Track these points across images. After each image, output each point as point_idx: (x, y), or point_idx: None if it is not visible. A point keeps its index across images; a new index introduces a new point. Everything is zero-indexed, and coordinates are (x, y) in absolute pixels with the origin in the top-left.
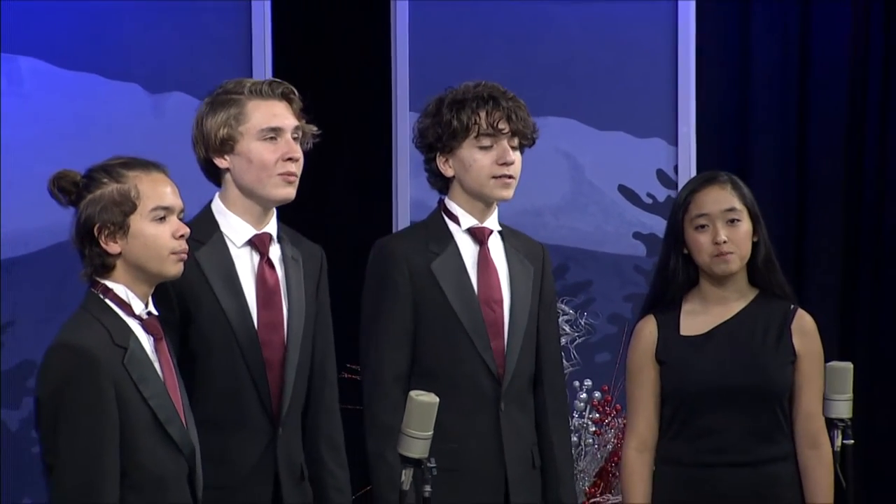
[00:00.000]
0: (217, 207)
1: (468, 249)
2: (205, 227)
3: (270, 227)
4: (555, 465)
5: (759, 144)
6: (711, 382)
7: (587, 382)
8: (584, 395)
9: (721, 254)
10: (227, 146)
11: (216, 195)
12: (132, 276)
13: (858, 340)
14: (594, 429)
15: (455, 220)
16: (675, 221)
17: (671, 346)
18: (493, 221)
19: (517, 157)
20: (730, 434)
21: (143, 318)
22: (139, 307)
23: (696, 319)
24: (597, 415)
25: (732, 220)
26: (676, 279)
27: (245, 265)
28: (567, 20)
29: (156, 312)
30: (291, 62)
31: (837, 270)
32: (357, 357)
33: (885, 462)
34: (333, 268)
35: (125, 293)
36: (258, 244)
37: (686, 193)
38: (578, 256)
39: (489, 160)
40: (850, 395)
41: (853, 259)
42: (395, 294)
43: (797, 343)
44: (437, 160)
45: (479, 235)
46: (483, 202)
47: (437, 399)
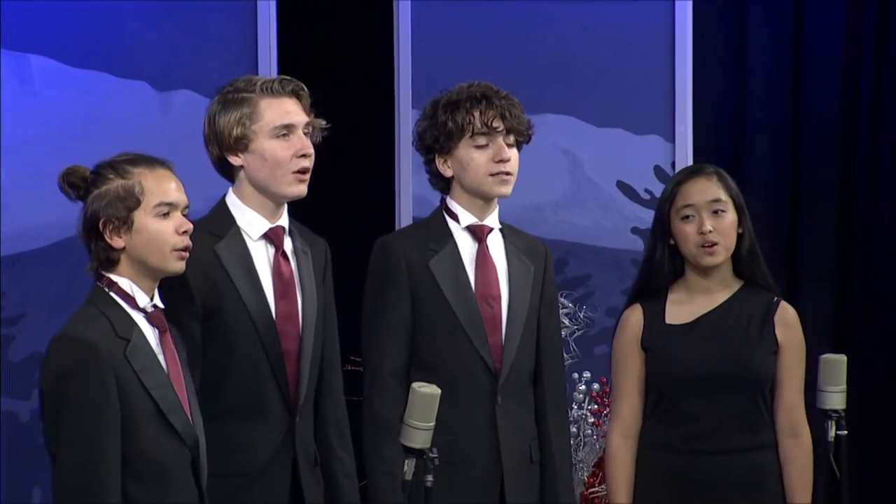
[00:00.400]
0: (232, 202)
1: (467, 247)
2: (222, 222)
3: (283, 221)
4: (553, 461)
5: (755, 141)
6: (695, 370)
7: (586, 374)
8: (583, 387)
9: (706, 244)
10: (241, 144)
11: (230, 190)
12: (136, 271)
13: (852, 333)
14: (592, 420)
15: (455, 219)
16: (662, 212)
17: (656, 335)
18: (493, 219)
19: (513, 154)
20: (712, 422)
21: (148, 312)
22: (144, 300)
23: (682, 309)
24: (595, 406)
25: (717, 211)
26: (662, 269)
27: (262, 258)
28: (567, 20)
29: (161, 306)
30: (296, 61)
31: (831, 264)
32: (359, 350)
33: (878, 452)
34: (338, 264)
35: (129, 287)
36: (273, 237)
37: (672, 185)
38: (577, 251)
39: (486, 158)
40: (844, 387)
41: (846, 253)
42: (395, 291)
43: (780, 334)
44: (436, 161)
45: (479, 233)
46: (482, 200)
47: (439, 391)
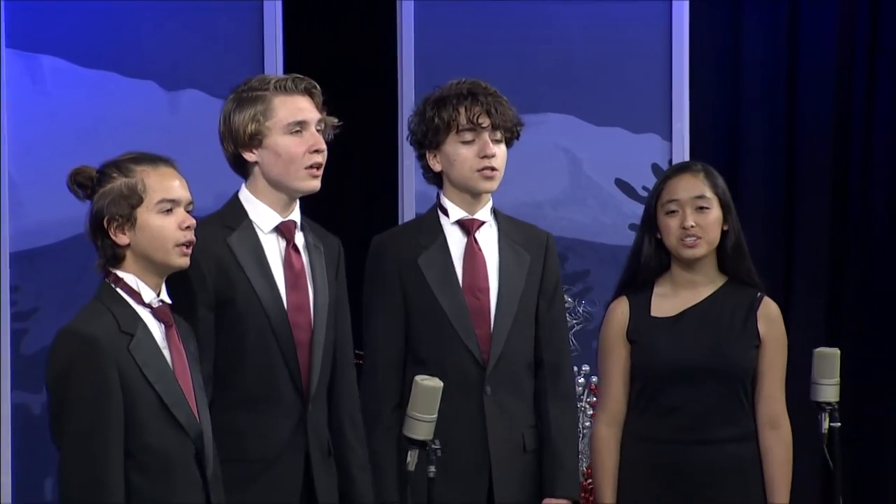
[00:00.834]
0: (245, 196)
1: (456, 240)
2: (234, 215)
3: (295, 216)
4: (553, 449)
5: (750, 139)
6: (679, 362)
7: (585, 367)
8: (582, 380)
9: (687, 238)
10: (256, 141)
11: (243, 185)
12: (141, 267)
13: (845, 326)
14: (591, 412)
15: (446, 214)
16: (650, 207)
17: (642, 327)
18: (485, 213)
19: (500, 150)
20: (694, 413)
21: (154, 307)
22: (150, 296)
23: (667, 302)
24: (594, 398)
25: (701, 208)
26: (649, 263)
27: (273, 250)
28: (567, 21)
29: (168, 301)
30: (302, 61)
31: (825, 259)
32: (359, 343)
33: (871, 444)
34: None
35: (135, 282)
36: (284, 231)
37: (660, 181)
38: (577, 247)
39: (472, 153)
40: (838, 380)
41: (840, 248)
42: (386, 289)
43: (762, 328)
44: (427, 157)
45: (468, 226)
46: (470, 195)
47: (442, 384)
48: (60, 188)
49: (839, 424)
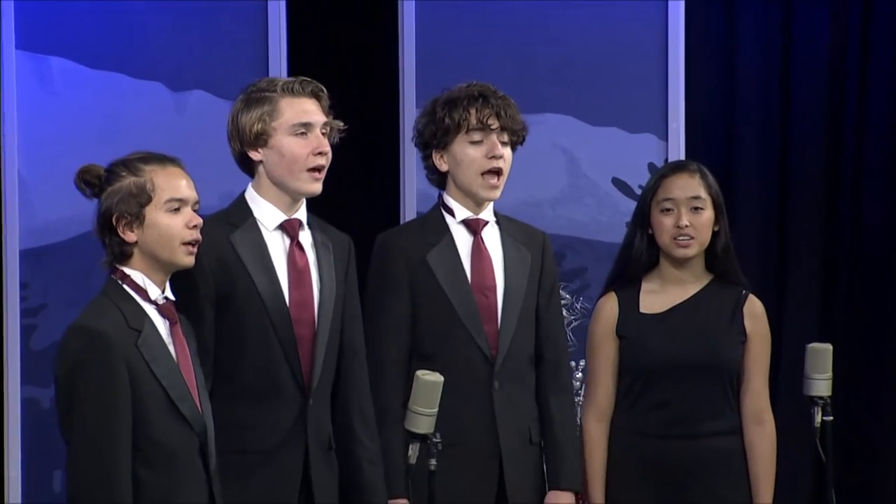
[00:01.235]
0: (250, 195)
1: (463, 240)
2: (239, 213)
3: (300, 214)
4: (556, 443)
5: (744, 139)
6: (667, 358)
7: (582, 363)
8: (580, 375)
9: (681, 237)
10: (261, 140)
11: (249, 184)
12: (148, 264)
13: (837, 323)
14: None
15: (451, 213)
16: (644, 203)
17: (631, 323)
18: (488, 213)
19: (507, 153)
20: (682, 407)
21: (160, 304)
22: (155, 293)
23: (655, 298)
24: None
25: (696, 208)
26: (640, 258)
27: (277, 248)
28: (565, 22)
29: (172, 298)
30: (305, 62)
31: (818, 256)
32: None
33: (862, 437)
34: None
35: (142, 280)
36: (288, 228)
37: (656, 178)
38: (575, 245)
39: (480, 154)
40: (830, 375)
41: (833, 246)
42: (394, 285)
43: (748, 325)
44: (433, 156)
45: (474, 226)
46: (472, 199)
47: (442, 378)
48: (69, 187)
49: (831, 418)
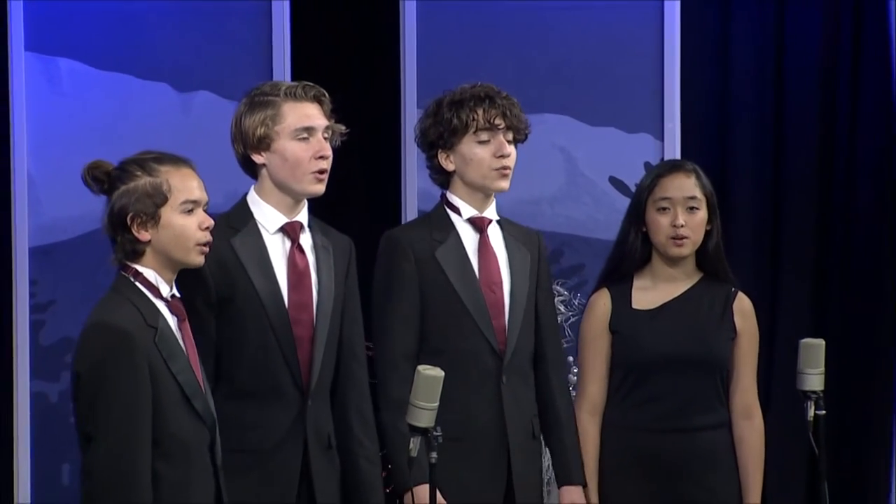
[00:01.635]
0: (252, 198)
1: (469, 237)
2: (240, 216)
3: (301, 217)
4: (563, 438)
5: (739, 138)
6: (659, 353)
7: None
8: (577, 369)
9: (677, 237)
10: (264, 144)
11: (252, 187)
12: (159, 262)
13: (830, 318)
14: None
15: (456, 212)
16: (639, 201)
17: (624, 318)
18: (492, 211)
19: (512, 150)
20: (673, 402)
21: (169, 301)
22: (166, 290)
23: (647, 295)
24: None
25: (692, 208)
26: (633, 254)
27: (277, 250)
28: (563, 25)
29: (178, 295)
30: (309, 63)
31: (811, 254)
32: (369, 335)
33: (854, 431)
34: None
35: (154, 277)
36: (289, 231)
37: (653, 177)
38: (572, 242)
39: (488, 153)
40: (822, 370)
41: (825, 244)
42: (403, 280)
43: (737, 322)
44: (439, 157)
45: (480, 224)
46: (483, 193)
47: (443, 373)
48: (77, 186)
49: (824, 412)
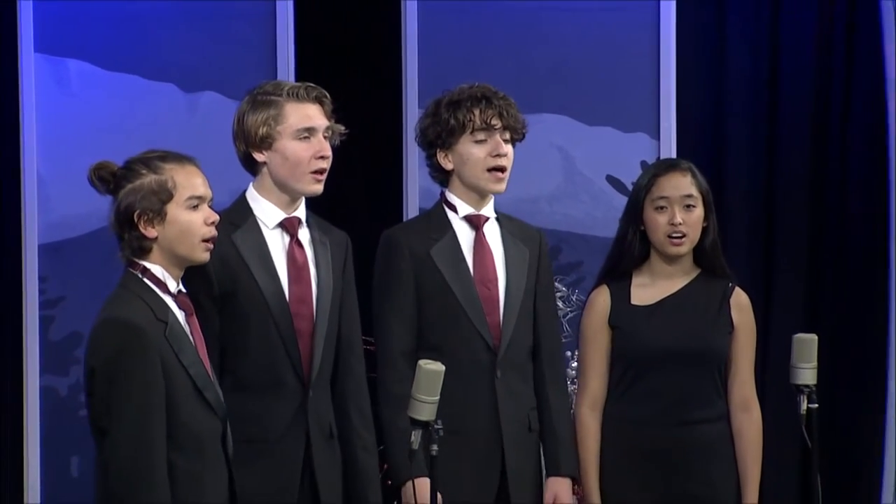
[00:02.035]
0: (251, 195)
1: (465, 235)
2: (240, 212)
3: (299, 213)
4: (554, 430)
5: (733, 137)
6: (658, 347)
7: (577, 352)
8: (575, 364)
9: (674, 235)
10: (266, 143)
11: (251, 184)
12: (166, 259)
13: (822, 314)
14: None
15: (454, 210)
16: (637, 200)
17: (622, 314)
18: (489, 209)
19: (509, 150)
20: (673, 395)
21: (176, 296)
22: (173, 286)
23: (645, 291)
24: None
25: (689, 206)
26: (632, 252)
27: (277, 245)
28: (561, 25)
29: (184, 290)
30: (312, 63)
31: (804, 250)
32: (369, 331)
33: (846, 424)
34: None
35: (162, 273)
36: (288, 226)
37: (650, 176)
38: (571, 239)
39: (484, 153)
40: (815, 364)
41: (818, 240)
42: (399, 278)
43: (735, 317)
44: (438, 155)
45: (476, 222)
46: (478, 193)
47: (444, 367)
48: (85, 184)
49: (817, 406)
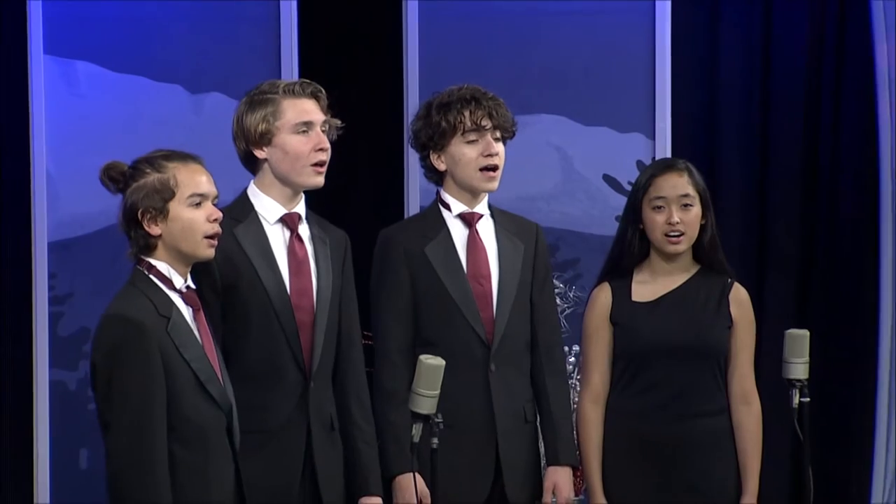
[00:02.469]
0: (252, 191)
1: (459, 232)
2: (242, 208)
3: (299, 208)
4: (552, 422)
5: (727, 136)
6: (660, 342)
7: (575, 348)
8: (573, 359)
9: (672, 234)
10: (265, 139)
11: (252, 181)
12: (172, 256)
13: (814, 309)
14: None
15: (448, 208)
16: (635, 200)
17: (624, 310)
18: (483, 207)
19: (500, 149)
20: (674, 389)
21: (183, 292)
22: (179, 282)
23: (646, 288)
24: None
25: (686, 205)
26: (632, 250)
27: (278, 240)
28: (559, 27)
29: (193, 286)
30: (315, 64)
31: (796, 247)
32: (368, 326)
33: (837, 418)
34: (352, 250)
35: (167, 270)
36: (289, 221)
37: (647, 176)
38: (568, 237)
39: (476, 153)
40: (807, 359)
41: (809, 237)
42: (395, 278)
43: (734, 311)
44: (431, 157)
45: (469, 219)
46: (471, 192)
47: (444, 362)
48: (94, 183)
49: (808, 400)
